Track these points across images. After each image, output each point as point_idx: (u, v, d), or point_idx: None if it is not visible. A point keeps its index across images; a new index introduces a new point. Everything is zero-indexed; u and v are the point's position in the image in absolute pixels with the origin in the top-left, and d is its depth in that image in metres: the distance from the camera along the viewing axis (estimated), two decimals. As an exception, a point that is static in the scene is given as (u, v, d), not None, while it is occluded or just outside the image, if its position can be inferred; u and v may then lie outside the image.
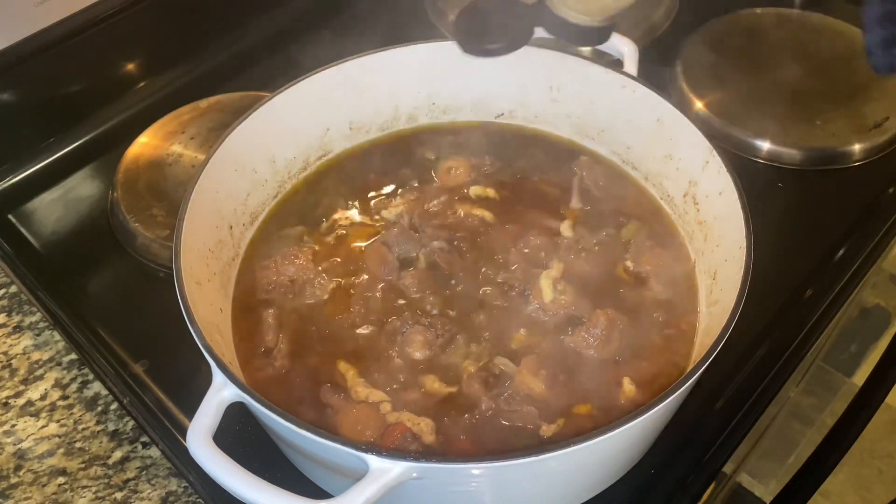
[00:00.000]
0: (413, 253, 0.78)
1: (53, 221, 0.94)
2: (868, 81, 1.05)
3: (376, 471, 0.53)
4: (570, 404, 0.68)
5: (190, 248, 0.67)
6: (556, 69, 0.84)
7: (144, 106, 1.05)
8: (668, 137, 0.79)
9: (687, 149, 0.77)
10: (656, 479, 0.71)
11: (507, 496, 0.63)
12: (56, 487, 0.72)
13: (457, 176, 0.85)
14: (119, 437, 0.76)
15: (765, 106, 1.03)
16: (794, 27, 1.14)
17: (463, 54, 0.81)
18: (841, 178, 0.97)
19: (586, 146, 0.88)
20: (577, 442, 0.53)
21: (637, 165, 0.85)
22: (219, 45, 1.12)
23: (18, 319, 0.85)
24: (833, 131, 0.99)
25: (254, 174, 0.80)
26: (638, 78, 0.80)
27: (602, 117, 0.85)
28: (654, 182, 0.83)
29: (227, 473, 0.54)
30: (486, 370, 0.69)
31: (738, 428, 0.75)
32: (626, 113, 0.82)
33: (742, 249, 0.65)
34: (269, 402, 0.56)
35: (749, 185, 0.70)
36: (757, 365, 0.79)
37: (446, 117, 0.91)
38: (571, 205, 0.83)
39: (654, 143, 0.81)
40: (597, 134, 0.87)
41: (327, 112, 0.85)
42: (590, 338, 0.71)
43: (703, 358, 0.58)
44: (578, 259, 0.77)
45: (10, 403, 0.78)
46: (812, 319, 0.82)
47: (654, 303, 0.75)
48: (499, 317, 0.74)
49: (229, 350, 0.70)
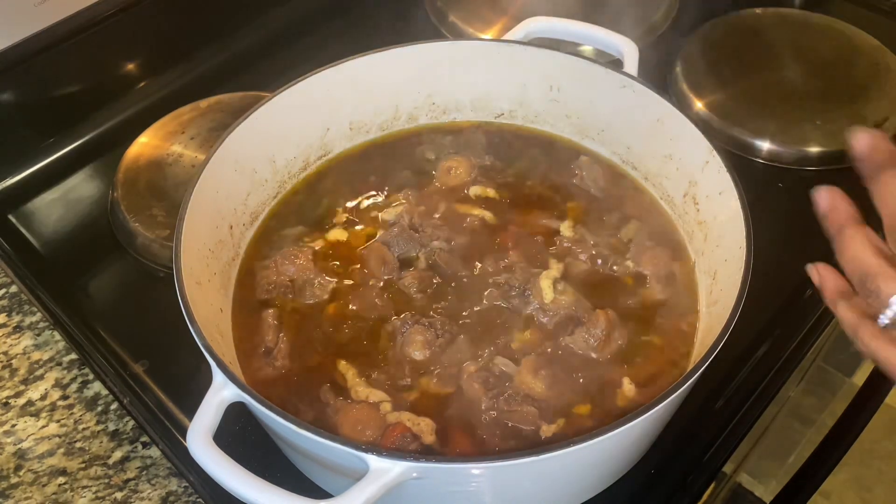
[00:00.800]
0: (413, 253, 0.79)
1: (53, 221, 0.94)
2: (868, 81, 1.05)
3: (376, 471, 0.53)
4: (570, 404, 0.68)
5: (190, 248, 0.67)
6: (556, 69, 0.84)
7: (144, 106, 1.05)
8: (668, 137, 0.79)
9: (687, 149, 0.77)
10: (656, 479, 0.71)
11: (507, 496, 0.63)
12: (56, 487, 0.72)
13: (457, 176, 0.86)
14: (119, 437, 0.76)
15: (765, 106, 1.03)
16: (794, 27, 1.14)
17: (463, 54, 0.81)
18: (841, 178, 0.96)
19: (586, 146, 0.88)
20: (577, 442, 0.53)
21: (637, 165, 0.85)
22: (219, 45, 1.12)
23: (18, 319, 0.85)
24: (833, 131, 0.99)
25: (254, 174, 0.80)
26: (638, 78, 0.80)
27: (602, 117, 0.85)
28: (653, 182, 0.83)
29: (227, 473, 0.54)
30: (487, 370, 0.69)
31: (738, 428, 0.75)
32: (626, 113, 0.82)
33: (742, 249, 0.65)
34: (269, 402, 0.56)
35: (749, 185, 0.70)
36: (757, 365, 0.79)
37: (446, 117, 0.91)
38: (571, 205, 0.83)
39: (654, 143, 0.81)
40: (597, 134, 0.87)
41: (327, 112, 0.85)
42: (590, 338, 0.71)
43: (703, 358, 0.58)
44: (578, 259, 0.77)
45: (10, 403, 0.78)
46: (812, 319, 0.82)
47: (654, 303, 0.75)
48: (499, 317, 0.74)
49: (229, 350, 0.70)
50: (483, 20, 1.15)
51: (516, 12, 1.15)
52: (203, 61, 1.11)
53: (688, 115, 0.76)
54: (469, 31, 1.13)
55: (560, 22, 0.86)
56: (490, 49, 0.86)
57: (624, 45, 0.83)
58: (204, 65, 1.10)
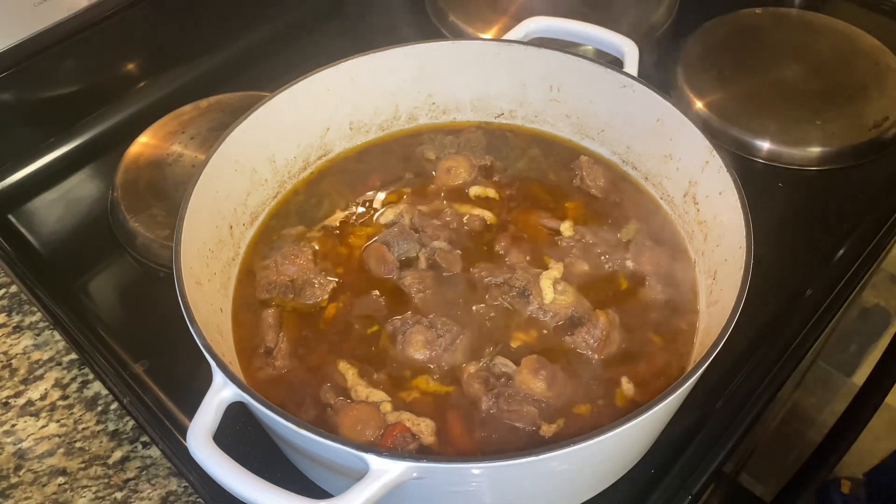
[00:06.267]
0: (413, 253, 0.78)
1: (53, 221, 0.94)
2: (868, 81, 1.05)
3: (376, 471, 0.53)
4: (571, 404, 0.68)
5: (190, 248, 0.67)
6: (556, 69, 0.84)
7: (144, 106, 1.05)
8: (668, 137, 0.79)
9: (687, 149, 0.77)
10: (656, 479, 0.71)
11: (507, 496, 0.63)
12: (56, 487, 0.72)
13: (457, 175, 0.86)
14: (119, 437, 0.76)
15: (765, 106, 1.03)
16: (794, 27, 1.14)
17: (463, 54, 0.81)
18: (841, 178, 0.97)
19: (586, 146, 0.88)
20: (577, 442, 0.53)
21: (637, 165, 0.85)
22: (219, 45, 1.12)
23: (18, 319, 0.85)
24: (833, 131, 0.99)
25: (254, 174, 0.80)
26: (638, 78, 0.80)
27: (602, 117, 0.85)
28: (654, 182, 0.83)
29: (227, 473, 0.54)
30: (487, 370, 0.69)
31: (738, 428, 0.75)
32: (626, 113, 0.82)
33: (742, 249, 0.65)
34: (269, 402, 0.56)
35: (749, 185, 0.70)
36: (757, 365, 0.79)
37: (446, 117, 0.91)
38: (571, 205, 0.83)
39: (654, 142, 0.81)
40: (597, 134, 0.87)
41: (327, 112, 0.85)
42: (590, 338, 0.71)
43: (703, 358, 0.58)
44: (578, 259, 0.77)
45: (10, 403, 0.78)
46: (812, 319, 0.82)
47: (654, 303, 0.75)
48: (499, 317, 0.74)
49: (229, 350, 0.70)
50: (483, 20, 1.15)
51: (516, 12, 1.15)
52: (203, 61, 1.11)
53: (688, 115, 0.76)
54: (469, 30, 1.13)
55: (560, 22, 0.86)
56: (490, 49, 0.86)
57: (624, 45, 0.83)
58: (204, 65, 1.10)
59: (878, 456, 1.74)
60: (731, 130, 1.00)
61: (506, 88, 0.88)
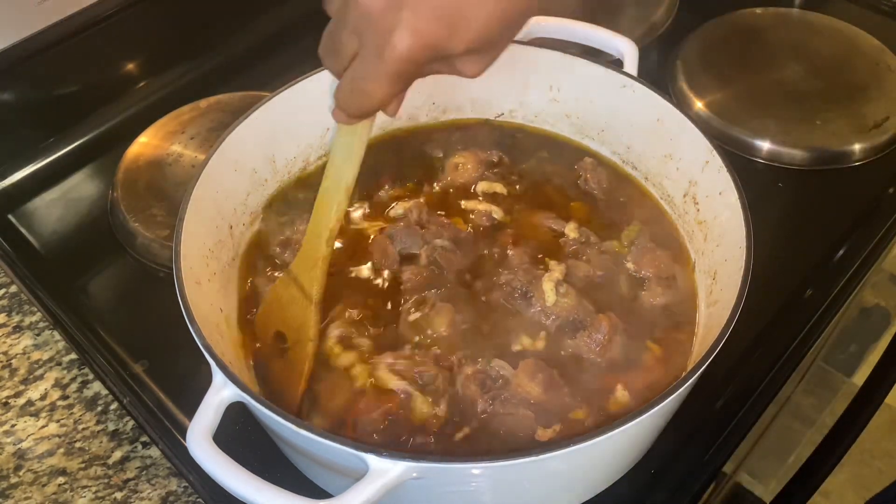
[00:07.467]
0: (415, 249, 0.78)
1: (53, 221, 0.94)
2: (868, 81, 1.05)
3: (376, 471, 0.53)
4: (568, 409, 0.67)
5: (190, 248, 0.67)
6: (556, 69, 0.84)
7: (144, 106, 1.05)
8: (668, 137, 0.79)
9: (687, 149, 0.77)
10: (656, 479, 0.71)
11: (507, 496, 0.63)
12: (56, 487, 0.72)
13: (465, 171, 0.85)
14: (119, 437, 0.76)
15: (765, 106, 1.03)
16: (794, 27, 1.14)
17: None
18: (841, 178, 0.97)
19: (586, 146, 0.88)
20: (577, 442, 0.53)
21: (637, 165, 0.85)
22: (219, 45, 1.12)
23: (18, 319, 0.85)
24: (833, 131, 0.99)
25: (254, 174, 0.80)
26: (638, 78, 0.80)
27: (602, 117, 0.85)
28: (654, 182, 0.83)
29: (227, 473, 0.54)
30: (484, 372, 0.69)
31: (738, 428, 0.75)
32: (626, 113, 0.82)
33: (742, 249, 0.65)
34: (269, 402, 0.56)
35: (749, 185, 0.70)
36: (757, 365, 0.79)
37: (446, 117, 0.91)
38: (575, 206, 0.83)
39: (654, 142, 0.81)
40: (597, 134, 0.87)
41: (327, 112, 0.84)
42: (592, 343, 0.70)
43: (703, 358, 0.58)
44: (581, 261, 0.77)
45: (10, 403, 0.78)
46: (812, 319, 0.82)
47: (655, 304, 0.75)
48: (500, 318, 0.73)
49: (229, 350, 0.70)
50: (483, 20, 1.14)
51: (516, 12, 1.15)
52: (203, 61, 1.11)
53: (688, 114, 0.76)
54: (469, 31, 1.13)
55: (560, 22, 0.86)
56: (490, 49, 0.85)
57: (624, 45, 0.82)
58: (204, 65, 1.10)
59: (878, 456, 1.74)
60: (731, 130, 1.00)
61: (505, 88, 0.88)
